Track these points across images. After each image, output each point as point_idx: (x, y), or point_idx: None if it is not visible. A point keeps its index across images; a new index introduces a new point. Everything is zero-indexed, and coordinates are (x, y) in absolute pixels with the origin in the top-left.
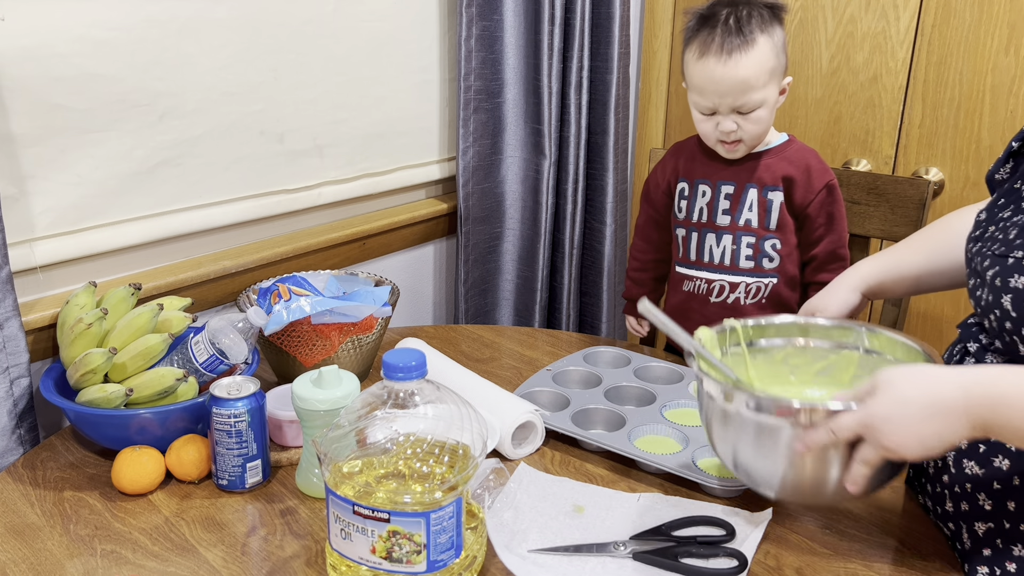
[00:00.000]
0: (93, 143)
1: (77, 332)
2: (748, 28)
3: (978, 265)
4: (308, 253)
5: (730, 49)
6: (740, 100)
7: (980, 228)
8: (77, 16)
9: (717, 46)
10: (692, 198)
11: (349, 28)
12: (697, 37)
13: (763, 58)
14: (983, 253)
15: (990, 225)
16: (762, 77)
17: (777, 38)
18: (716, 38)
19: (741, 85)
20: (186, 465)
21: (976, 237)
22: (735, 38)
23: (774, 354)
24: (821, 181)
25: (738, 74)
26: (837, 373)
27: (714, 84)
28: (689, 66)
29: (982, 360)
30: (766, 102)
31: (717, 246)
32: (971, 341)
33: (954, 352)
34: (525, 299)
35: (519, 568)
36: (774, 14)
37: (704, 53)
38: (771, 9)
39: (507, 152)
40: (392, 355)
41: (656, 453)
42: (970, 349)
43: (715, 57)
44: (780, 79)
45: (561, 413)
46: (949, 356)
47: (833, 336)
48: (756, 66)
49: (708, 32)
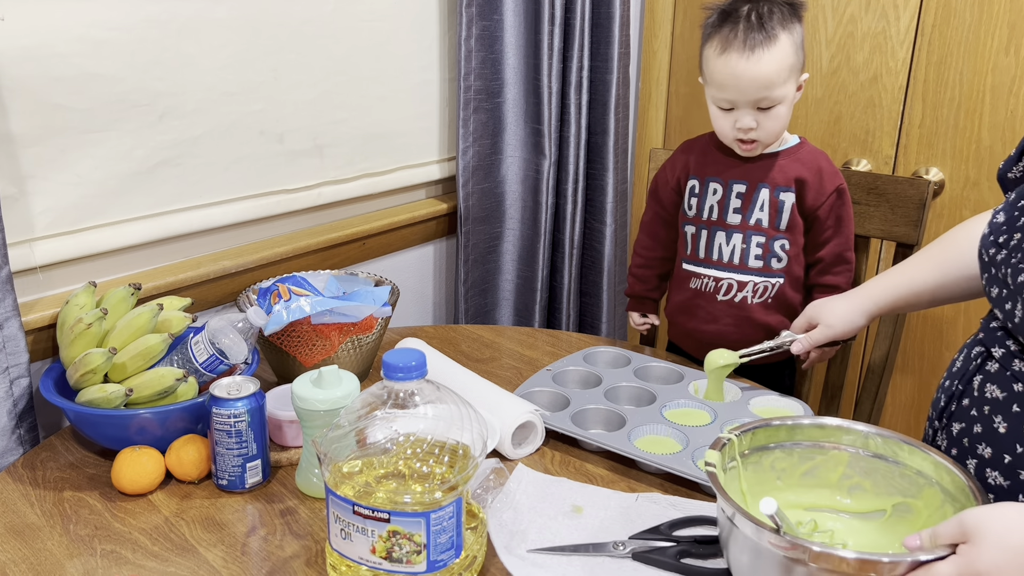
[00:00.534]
0: (93, 143)
1: (77, 332)
2: (770, 24)
3: (1007, 276)
4: (308, 253)
5: (752, 45)
6: (760, 96)
7: (1001, 232)
8: (77, 16)
9: (740, 42)
10: (702, 195)
11: (349, 28)
12: (718, 33)
13: (784, 55)
14: (1012, 264)
15: (1015, 232)
16: (783, 73)
17: (797, 35)
18: (739, 34)
19: (763, 81)
20: (186, 465)
21: (998, 242)
22: (757, 34)
23: (763, 460)
24: (832, 184)
25: (760, 70)
26: (824, 474)
27: (735, 80)
28: (709, 62)
29: (1008, 367)
30: (785, 98)
31: (727, 244)
32: (996, 346)
33: (973, 355)
34: (525, 299)
35: (519, 569)
36: (794, 11)
37: (726, 49)
38: (791, 6)
39: (507, 152)
40: (392, 355)
41: (656, 453)
42: (995, 354)
43: (737, 53)
44: (798, 76)
45: (561, 413)
46: (967, 357)
47: (822, 436)
48: (777, 63)
49: (730, 28)
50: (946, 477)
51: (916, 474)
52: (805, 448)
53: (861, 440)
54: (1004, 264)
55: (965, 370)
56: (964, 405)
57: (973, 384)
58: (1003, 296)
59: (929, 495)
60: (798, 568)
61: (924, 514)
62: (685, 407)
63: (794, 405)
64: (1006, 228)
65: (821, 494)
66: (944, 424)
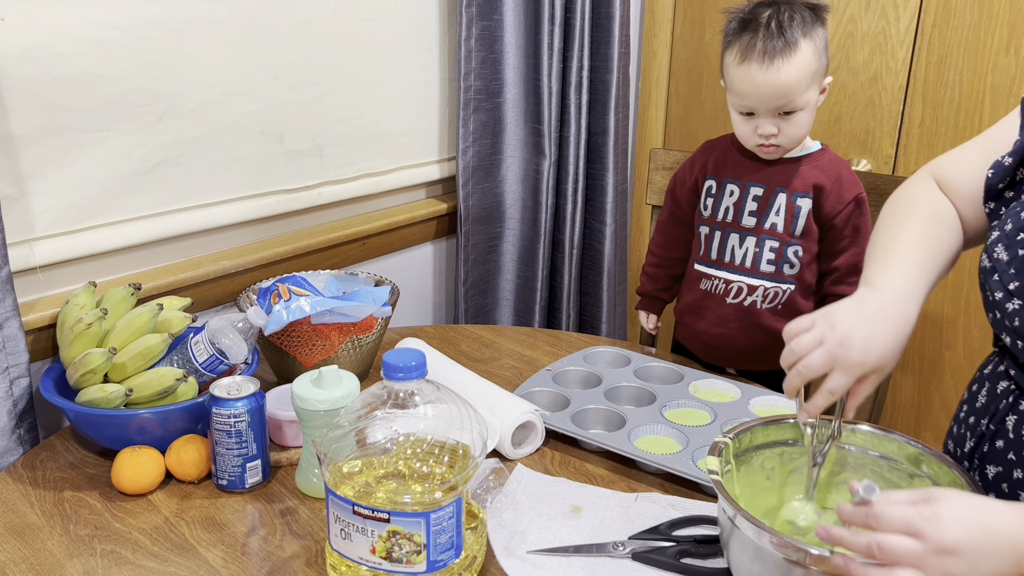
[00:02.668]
0: (93, 143)
1: (77, 332)
2: (791, 32)
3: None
4: (308, 253)
5: (772, 55)
6: (781, 104)
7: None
8: (77, 16)
9: (759, 52)
10: (719, 196)
11: (349, 28)
12: (738, 41)
13: (805, 63)
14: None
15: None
16: (804, 82)
17: (819, 40)
18: (758, 43)
19: (783, 90)
20: (186, 465)
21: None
22: (777, 42)
23: (752, 461)
24: (851, 193)
25: (780, 80)
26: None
27: (755, 89)
28: (729, 70)
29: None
30: (808, 105)
31: (740, 247)
32: None
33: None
34: (525, 299)
35: (519, 570)
36: (816, 15)
37: (746, 58)
38: (813, 10)
39: (507, 152)
40: (392, 355)
41: (656, 453)
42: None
43: (757, 63)
44: (822, 80)
45: (561, 413)
46: (992, 393)
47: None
48: (798, 71)
49: (750, 36)
50: (937, 470)
51: (905, 466)
52: (792, 446)
53: (848, 435)
54: (1018, 317)
55: (995, 409)
56: (999, 448)
57: (1007, 425)
58: (1021, 348)
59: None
60: (796, 570)
61: None
62: (685, 407)
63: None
64: (1015, 274)
65: None
66: (977, 466)
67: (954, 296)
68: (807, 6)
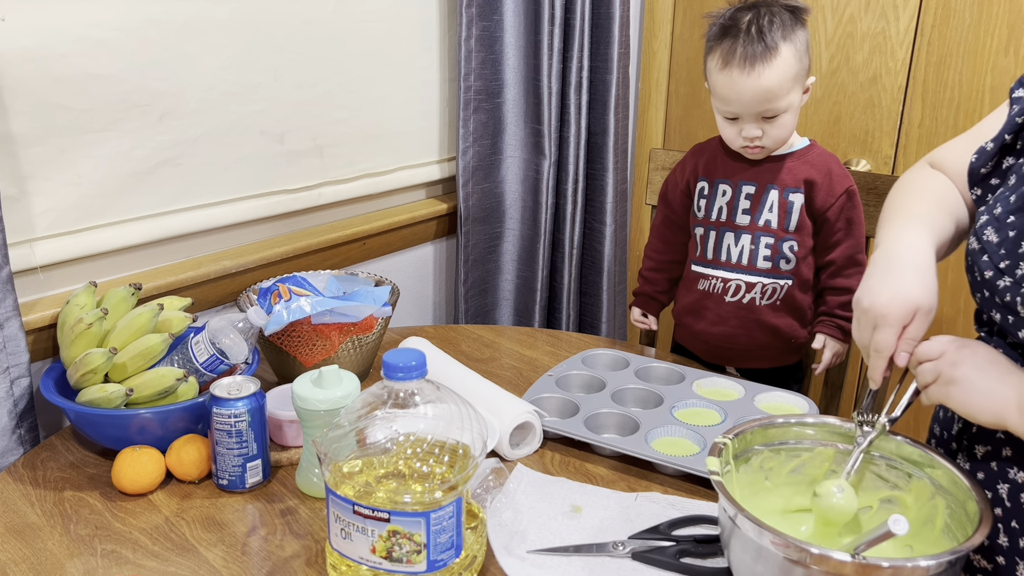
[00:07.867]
0: (93, 143)
1: (77, 332)
2: (770, 37)
3: (1018, 305)
4: (308, 253)
5: (752, 60)
6: (763, 108)
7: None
8: (77, 16)
9: (740, 57)
10: (712, 197)
11: (349, 28)
12: (720, 46)
13: (786, 67)
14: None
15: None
16: (785, 85)
17: (800, 42)
18: (739, 48)
19: (765, 95)
20: (186, 465)
21: (998, 267)
22: (757, 46)
23: (751, 461)
24: (842, 186)
25: (761, 84)
26: (810, 471)
27: (737, 94)
28: (712, 75)
29: None
30: (791, 107)
31: (735, 245)
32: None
33: None
34: (525, 299)
35: (519, 570)
36: (796, 17)
37: (727, 63)
38: (792, 12)
39: (507, 152)
40: (392, 355)
41: (676, 455)
42: None
43: (738, 68)
44: (804, 81)
45: (573, 420)
46: None
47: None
48: (779, 75)
49: (730, 42)
50: (937, 470)
51: (904, 466)
52: (791, 446)
53: (846, 435)
54: (1010, 292)
55: None
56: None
57: None
58: (1011, 323)
59: (919, 487)
60: (797, 569)
61: (913, 508)
62: (694, 407)
63: (800, 402)
64: (1005, 254)
65: (808, 491)
66: (966, 446)
67: (953, 296)
68: (787, 8)
